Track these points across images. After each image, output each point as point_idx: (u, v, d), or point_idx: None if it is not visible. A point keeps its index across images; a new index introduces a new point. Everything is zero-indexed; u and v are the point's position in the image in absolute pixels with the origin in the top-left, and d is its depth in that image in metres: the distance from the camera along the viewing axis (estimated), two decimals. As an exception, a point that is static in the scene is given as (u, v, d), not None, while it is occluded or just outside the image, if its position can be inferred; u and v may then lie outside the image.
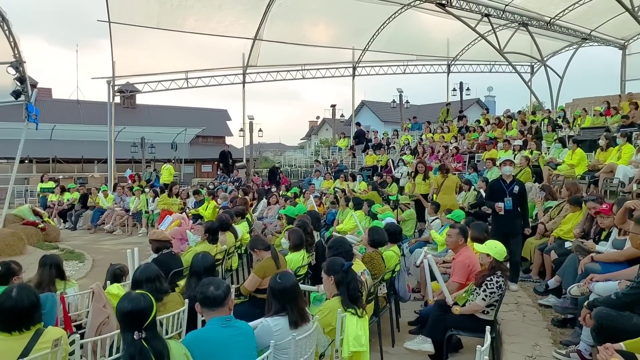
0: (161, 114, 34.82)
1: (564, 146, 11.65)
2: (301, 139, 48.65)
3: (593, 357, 3.90)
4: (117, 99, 26.24)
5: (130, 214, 13.81)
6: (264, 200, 11.62)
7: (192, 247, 6.10)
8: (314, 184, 14.59)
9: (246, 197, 11.69)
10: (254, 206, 11.61)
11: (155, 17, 18.56)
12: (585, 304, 3.83)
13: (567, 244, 6.01)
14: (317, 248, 6.48)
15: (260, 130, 25.80)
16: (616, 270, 4.38)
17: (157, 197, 13.09)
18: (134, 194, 14.28)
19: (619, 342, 2.95)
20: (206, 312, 3.18)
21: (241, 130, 25.07)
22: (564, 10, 20.89)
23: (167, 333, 3.80)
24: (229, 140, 38.35)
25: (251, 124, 21.99)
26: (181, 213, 10.31)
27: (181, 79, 21.82)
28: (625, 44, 24.16)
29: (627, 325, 3.37)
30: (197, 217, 10.27)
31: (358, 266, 4.94)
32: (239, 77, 23.15)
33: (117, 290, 4.29)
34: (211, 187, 14.61)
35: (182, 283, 4.94)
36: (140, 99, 34.93)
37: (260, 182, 16.67)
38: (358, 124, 22.78)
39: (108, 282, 4.72)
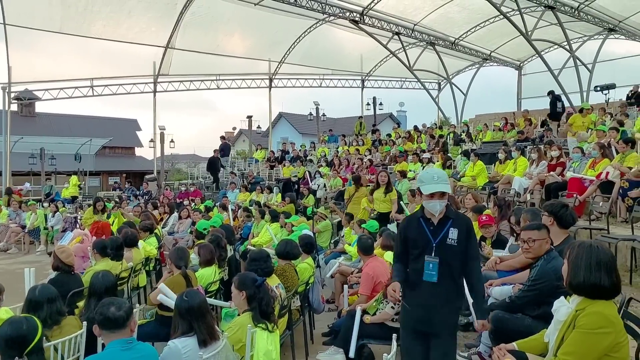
0: (64, 123, 32.71)
1: (469, 159, 12.39)
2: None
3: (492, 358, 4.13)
4: (14, 107, 24.33)
5: (27, 230, 12.79)
6: (175, 214, 11.20)
7: (93, 266, 5.69)
8: (228, 197, 14.32)
9: (152, 211, 11.20)
10: (164, 220, 11.16)
11: (58, 21, 17.63)
12: (483, 308, 4.05)
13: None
14: (230, 263, 6.33)
15: (172, 141, 24.92)
16: (511, 274, 4.69)
17: (58, 212, 12.22)
18: (30, 209, 13.25)
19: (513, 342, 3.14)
20: (106, 334, 2.98)
21: (151, 141, 24.12)
22: (467, 32, 22.54)
23: (62, 359, 3.53)
24: (139, 152, 36.47)
25: (162, 135, 21.23)
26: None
27: (86, 87, 20.77)
28: (521, 64, 26.40)
29: (521, 326, 3.61)
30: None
31: (273, 280, 4.89)
32: (149, 86, 22.40)
33: (6, 314, 3.92)
34: (117, 200, 13.85)
35: (81, 304, 4.60)
36: (40, 107, 32.80)
37: (171, 195, 16.02)
38: (222, 137, 21.94)
39: None
